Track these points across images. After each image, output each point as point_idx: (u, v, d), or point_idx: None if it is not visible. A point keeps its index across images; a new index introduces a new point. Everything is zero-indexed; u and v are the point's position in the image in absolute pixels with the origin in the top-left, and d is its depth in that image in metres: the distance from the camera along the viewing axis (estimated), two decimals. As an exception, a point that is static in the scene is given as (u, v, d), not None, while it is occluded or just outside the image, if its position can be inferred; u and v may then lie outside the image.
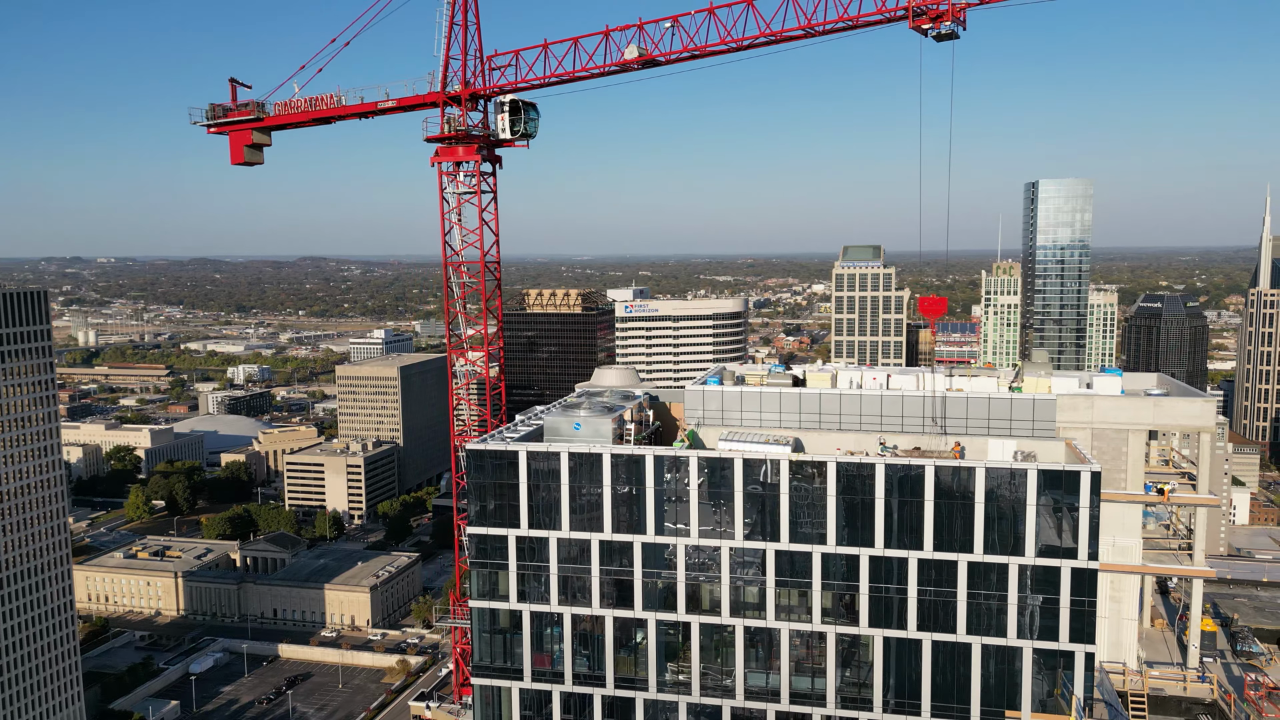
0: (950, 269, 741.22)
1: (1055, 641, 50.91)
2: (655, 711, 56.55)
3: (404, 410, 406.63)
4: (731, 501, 53.89)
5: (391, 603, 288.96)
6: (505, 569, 57.28)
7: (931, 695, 52.84)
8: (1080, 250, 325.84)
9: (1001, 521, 50.65)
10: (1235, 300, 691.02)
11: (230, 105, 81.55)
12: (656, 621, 55.91)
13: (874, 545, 52.45)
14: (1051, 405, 55.70)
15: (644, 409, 65.85)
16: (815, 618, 53.76)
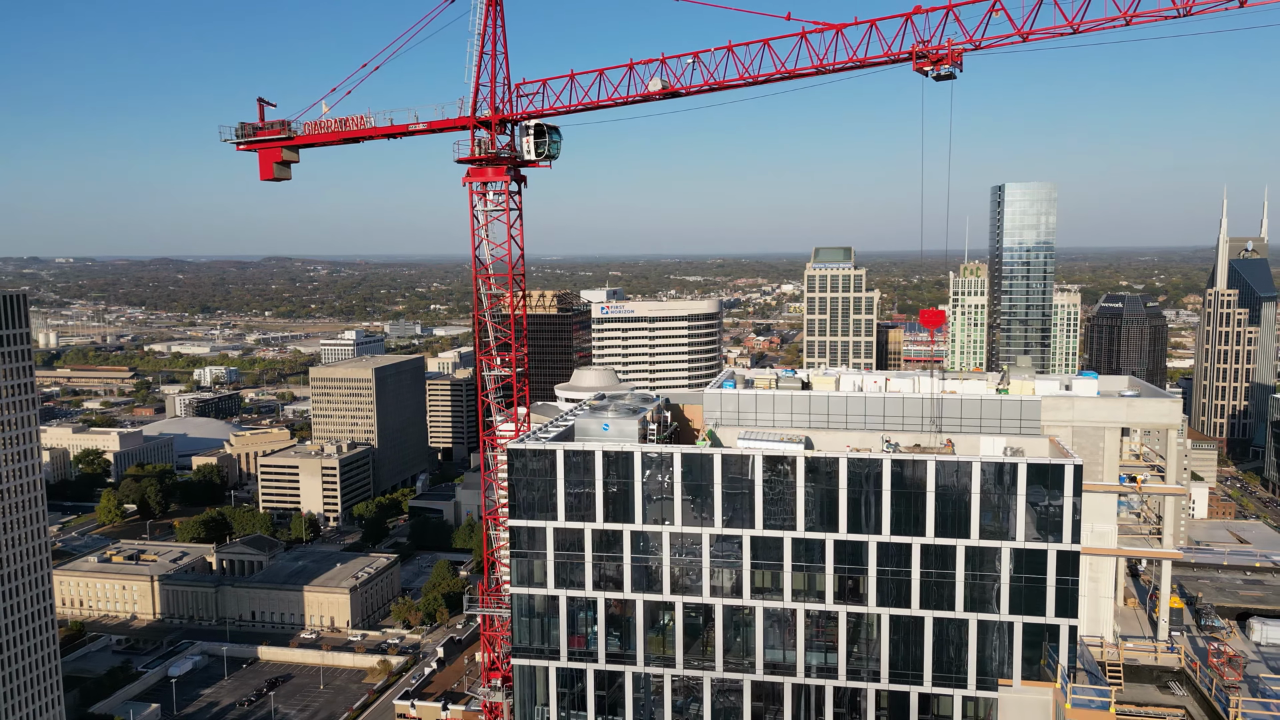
0: (916, 269, 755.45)
1: (1042, 616, 57.66)
2: (682, 686, 62.55)
3: (378, 412, 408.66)
4: (751, 494, 60.00)
5: (371, 604, 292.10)
6: (544, 557, 62.91)
7: (932, 667, 59.36)
8: (1045, 252, 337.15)
9: (994, 510, 57.27)
10: (1193, 300, 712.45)
11: (259, 124, 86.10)
12: (683, 604, 61.87)
13: (881, 532, 58.85)
14: (1037, 406, 62.50)
15: (662, 411, 71.65)
16: (828, 598, 60.04)
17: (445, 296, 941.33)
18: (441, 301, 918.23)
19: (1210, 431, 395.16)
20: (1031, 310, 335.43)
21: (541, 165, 75.37)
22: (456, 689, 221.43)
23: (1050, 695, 58.36)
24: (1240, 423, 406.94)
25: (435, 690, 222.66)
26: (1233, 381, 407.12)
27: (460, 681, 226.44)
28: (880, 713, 60.51)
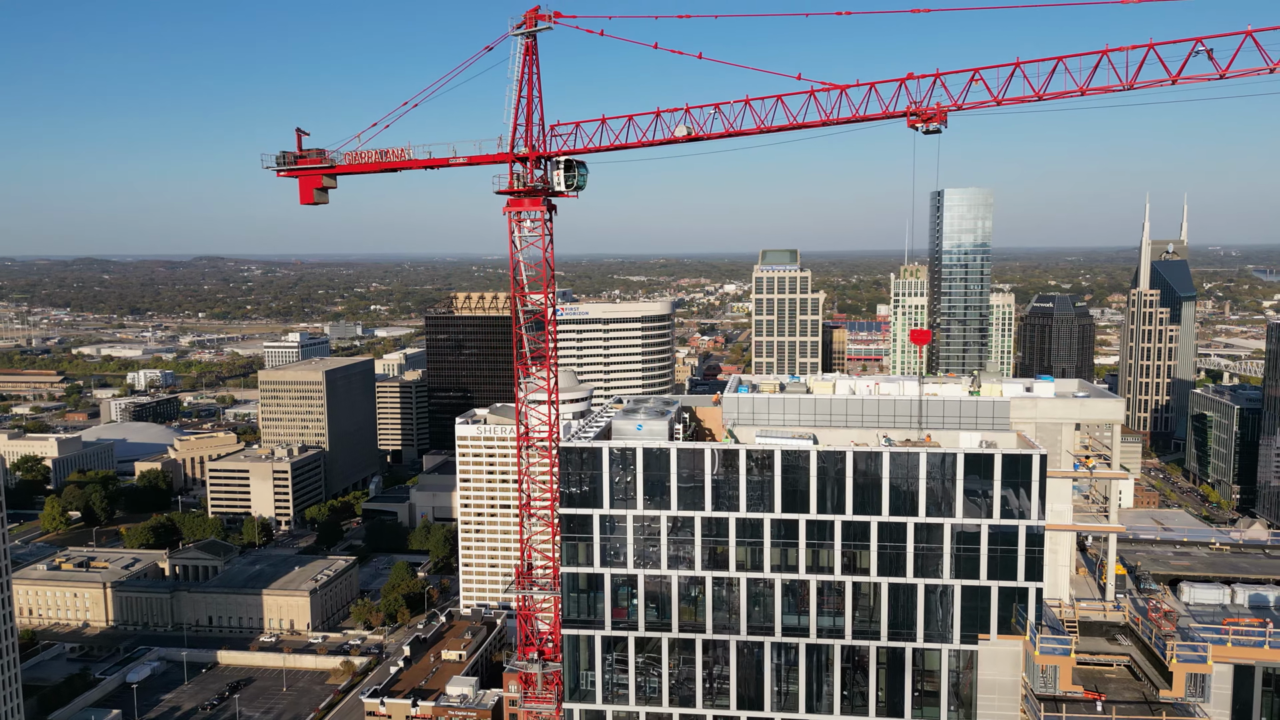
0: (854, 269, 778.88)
1: (1014, 581, 70.29)
2: (711, 648, 73.78)
3: (329, 415, 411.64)
4: (772, 483, 71.46)
5: (331, 606, 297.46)
6: (590, 540, 73.48)
7: (924, 626, 71.60)
8: (982, 255, 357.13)
9: (975, 492, 69.67)
10: (1117, 299, 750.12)
11: (297, 152, 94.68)
12: (712, 578, 73.08)
13: (881, 513, 70.84)
14: (1006, 405, 75.17)
15: (682, 413, 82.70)
16: (836, 570, 71.87)
17: (385, 297, 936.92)
18: (381, 302, 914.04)
19: (1134, 425, 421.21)
20: (970, 311, 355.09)
21: (569, 195, 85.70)
22: (425, 686, 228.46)
23: (1020, 646, 71.11)
24: (1163, 417, 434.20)
25: (403, 688, 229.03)
26: (1155, 378, 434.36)
27: (428, 679, 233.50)
28: (880, 667, 72.62)
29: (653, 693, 74.90)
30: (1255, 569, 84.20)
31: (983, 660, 71.22)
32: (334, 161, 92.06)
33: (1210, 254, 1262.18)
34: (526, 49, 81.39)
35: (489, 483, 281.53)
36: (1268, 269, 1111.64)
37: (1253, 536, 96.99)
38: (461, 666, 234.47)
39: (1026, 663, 70.15)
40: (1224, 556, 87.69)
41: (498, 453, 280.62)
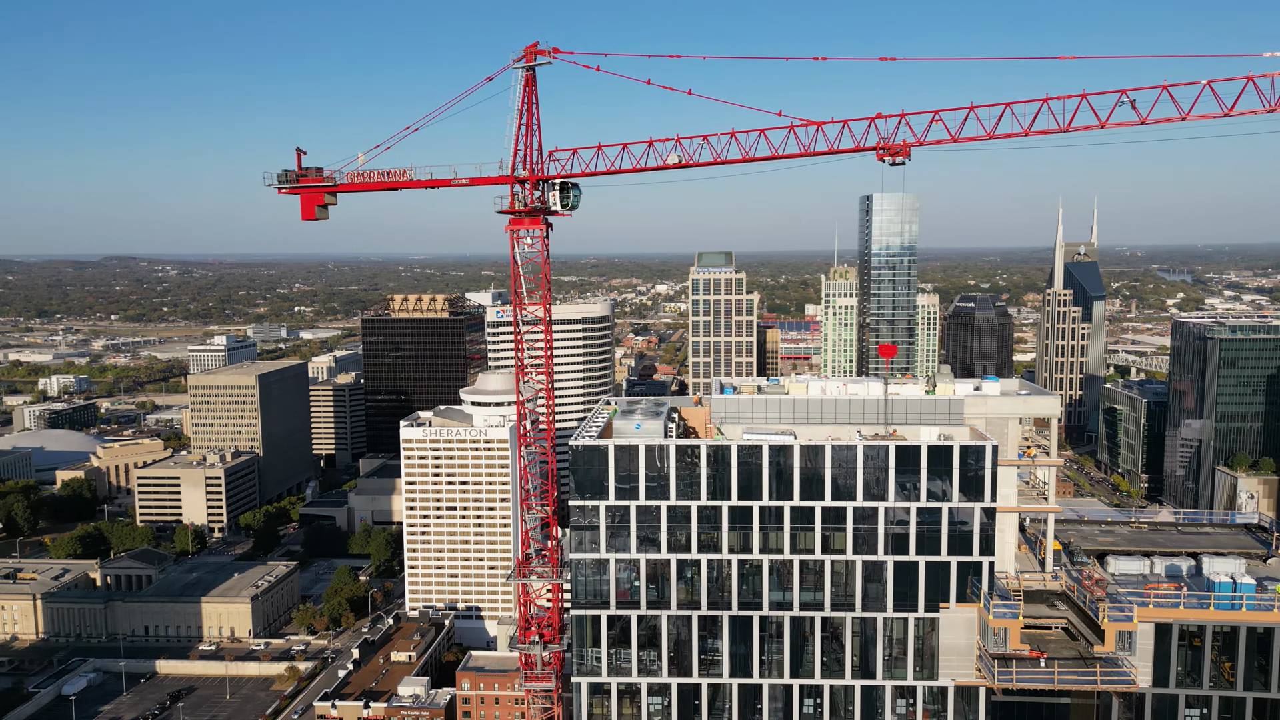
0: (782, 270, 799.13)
1: (970, 556, 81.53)
2: (706, 623, 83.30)
3: (263, 420, 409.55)
4: (760, 474, 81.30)
5: (272, 612, 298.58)
6: (598, 529, 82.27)
7: (893, 597, 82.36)
8: (909, 257, 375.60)
9: (937, 479, 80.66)
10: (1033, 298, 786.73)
11: (296, 170, 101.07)
12: (706, 560, 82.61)
13: (856, 499, 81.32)
14: (960, 403, 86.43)
15: (671, 413, 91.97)
16: (816, 550, 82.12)
17: (309, 298, 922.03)
18: (306, 303, 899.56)
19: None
20: (898, 311, 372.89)
21: (563, 214, 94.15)
22: (376, 687, 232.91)
23: (975, 613, 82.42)
24: (1076, 410, 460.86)
25: (354, 690, 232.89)
26: (1069, 373, 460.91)
27: (378, 680, 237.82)
28: (855, 635, 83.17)
29: (653, 665, 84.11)
30: (1169, 543, 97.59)
31: (943, 626, 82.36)
32: (336, 181, 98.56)
33: (1118, 254, 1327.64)
34: (527, 81, 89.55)
35: (435, 485, 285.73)
36: (1170, 269, 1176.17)
37: (1161, 520, 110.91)
38: (412, 667, 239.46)
39: (981, 627, 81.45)
40: (1143, 534, 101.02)
41: (443, 455, 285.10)
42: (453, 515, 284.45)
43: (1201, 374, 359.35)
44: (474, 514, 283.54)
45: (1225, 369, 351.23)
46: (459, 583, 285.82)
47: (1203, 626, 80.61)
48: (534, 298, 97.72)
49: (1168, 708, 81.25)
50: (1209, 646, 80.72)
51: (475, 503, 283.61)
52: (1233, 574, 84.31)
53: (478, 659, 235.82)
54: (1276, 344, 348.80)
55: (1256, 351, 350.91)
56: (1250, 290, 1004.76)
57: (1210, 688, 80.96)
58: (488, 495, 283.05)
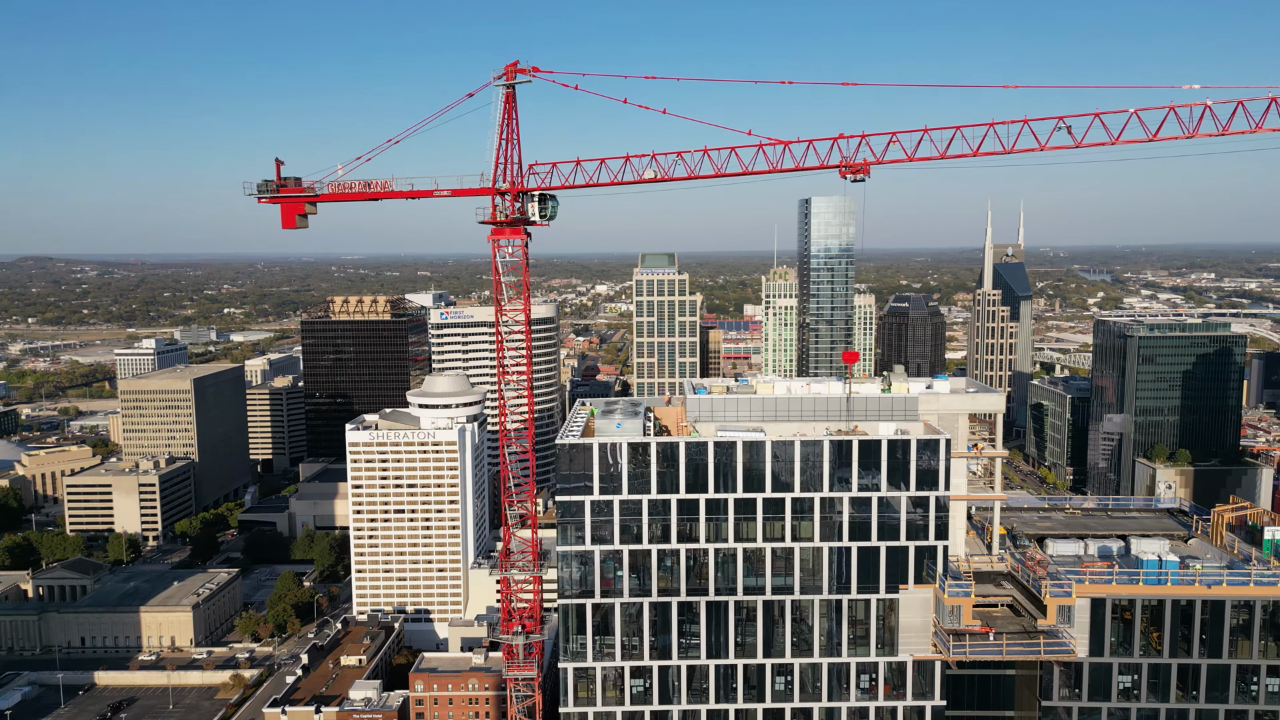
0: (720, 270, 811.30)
1: (926, 541, 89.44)
2: (684, 609, 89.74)
3: (198, 425, 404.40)
4: (734, 468, 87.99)
5: (214, 620, 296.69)
6: (583, 522, 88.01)
7: (857, 580, 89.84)
8: (847, 259, 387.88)
9: (896, 470, 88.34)
10: (962, 297, 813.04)
11: (275, 180, 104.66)
12: (685, 550, 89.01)
13: (822, 489, 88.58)
14: (915, 400, 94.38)
15: (647, 412, 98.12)
16: (787, 538, 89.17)
17: (238, 299, 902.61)
18: (235, 305, 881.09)
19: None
20: (836, 312, 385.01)
21: (541, 224, 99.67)
22: (326, 692, 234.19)
23: (931, 593, 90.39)
24: (1006, 406, 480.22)
25: (304, 695, 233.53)
26: (998, 370, 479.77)
27: (329, 685, 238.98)
28: (822, 616, 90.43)
29: (635, 650, 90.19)
30: (1100, 527, 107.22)
31: (903, 606, 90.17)
32: (317, 191, 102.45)
33: (1042, 255, 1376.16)
34: (507, 98, 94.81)
35: (382, 488, 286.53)
36: (1091, 269, 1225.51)
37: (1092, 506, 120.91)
38: (363, 671, 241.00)
39: (937, 605, 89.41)
40: (1077, 519, 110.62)
41: (390, 458, 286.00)
42: (400, 518, 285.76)
43: (1122, 370, 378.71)
44: (422, 517, 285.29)
45: (1144, 365, 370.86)
46: (408, 586, 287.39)
47: (1133, 601, 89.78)
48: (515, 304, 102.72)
49: (1103, 675, 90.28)
50: (1138, 619, 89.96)
51: (424, 505, 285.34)
52: (1158, 553, 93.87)
53: (430, 660, 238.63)
54: (1191, 341, 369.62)
55: (1173, 349, 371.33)
56: (1166, 289, 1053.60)
57: (1140, 656, 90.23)
58: (436, 498, 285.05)
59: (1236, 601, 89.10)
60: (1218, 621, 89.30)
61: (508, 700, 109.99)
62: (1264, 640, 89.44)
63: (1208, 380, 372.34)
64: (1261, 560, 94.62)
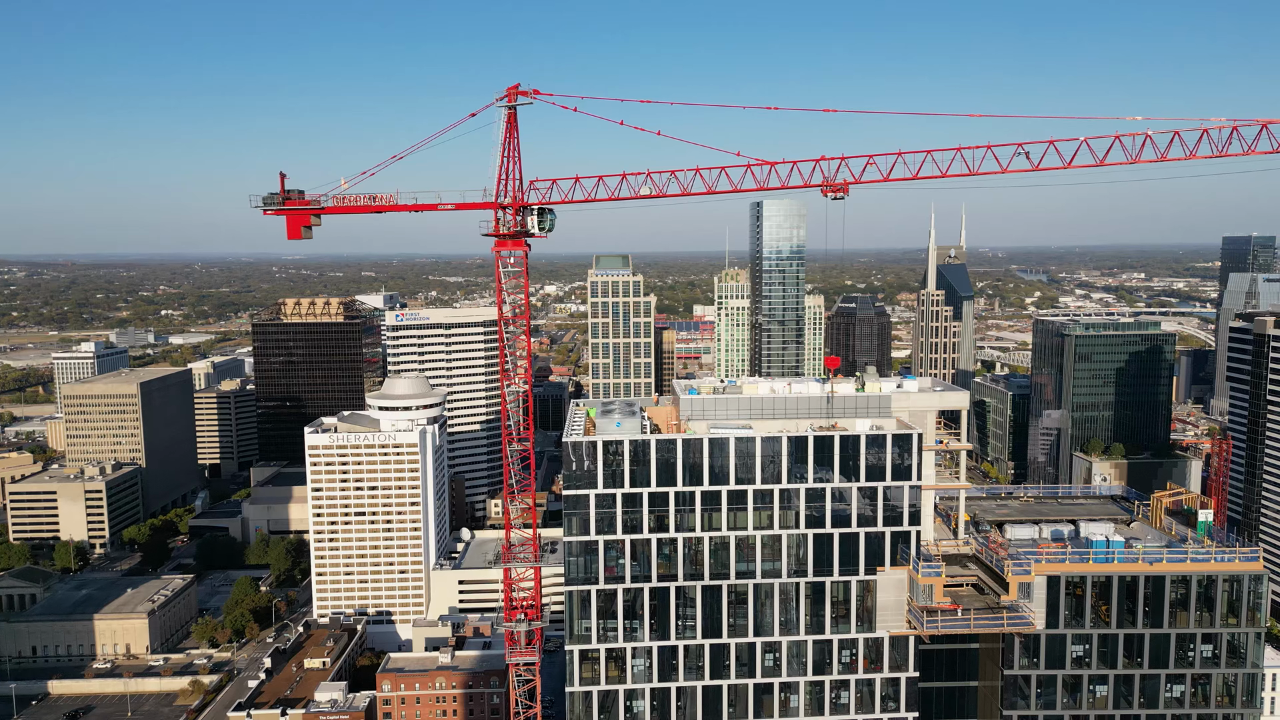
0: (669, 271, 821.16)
1: (901, 526, 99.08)
2: (681, 593, 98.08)
3: (145, 430, 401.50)
4: (727, 461, 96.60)
5: (170, 627, 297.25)
6: (588, 514, 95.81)
7: (839, 563, 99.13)
8: (797, 261, 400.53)
9: (873, 461, 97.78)
10: (905, 297, 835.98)
11: (279, 192, 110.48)
12: (682, 538, 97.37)
13: (807, 480, 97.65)
14: (889, 398, 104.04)
15: (640, 411, 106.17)
16: (775, 526, 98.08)
17: (176, 301, 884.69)
18: (173, 306, 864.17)
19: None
20: (788, 313, 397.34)
21: (539, 236, 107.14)
22: (291, 695, 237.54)
23: (906, 574, 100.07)
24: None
25: (269, 699, 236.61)
26: (942, 369, 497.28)
27: (293, 688, 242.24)
28: (807, 598, 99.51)
29: (636, 632, 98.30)
30: (1052, 513, 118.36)
31: (880, 586, 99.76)
32: (321, 204, 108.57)
33: (982, 255, 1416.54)
34: (509, 118, 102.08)
35: (343, 491, 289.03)
36: (1029, 269, 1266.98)
37: (1044, 494, 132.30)
38: (327, 673, 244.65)
39: (911, 585, 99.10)
40: (1031, 506, 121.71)
41: (351, 461, 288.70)
42: (361, 521, 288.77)
43: (1059, 368, 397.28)
44: (384, 519, 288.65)
45: (1080, 363, 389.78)
46: (369, 588, 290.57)
47: (1084, 578, 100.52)
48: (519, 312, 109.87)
49: (1058, 645, 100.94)
50: (1089, 594, 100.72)
51: (385, 507, 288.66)
52: (1106, 535, 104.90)
53: (397, 660, 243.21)
54: (1124, 340, 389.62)
55: (1107, 346, 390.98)
56: (1099, 289, 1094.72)
57: (1091, 627, 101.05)
58: (398, 500, 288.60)
59: (1175, 577, 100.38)
60: (1158, 595, 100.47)
61: (509, 685, 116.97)
62: (1199, 611, 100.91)
63: (1140, 377, 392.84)
64: (1196, 540, 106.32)
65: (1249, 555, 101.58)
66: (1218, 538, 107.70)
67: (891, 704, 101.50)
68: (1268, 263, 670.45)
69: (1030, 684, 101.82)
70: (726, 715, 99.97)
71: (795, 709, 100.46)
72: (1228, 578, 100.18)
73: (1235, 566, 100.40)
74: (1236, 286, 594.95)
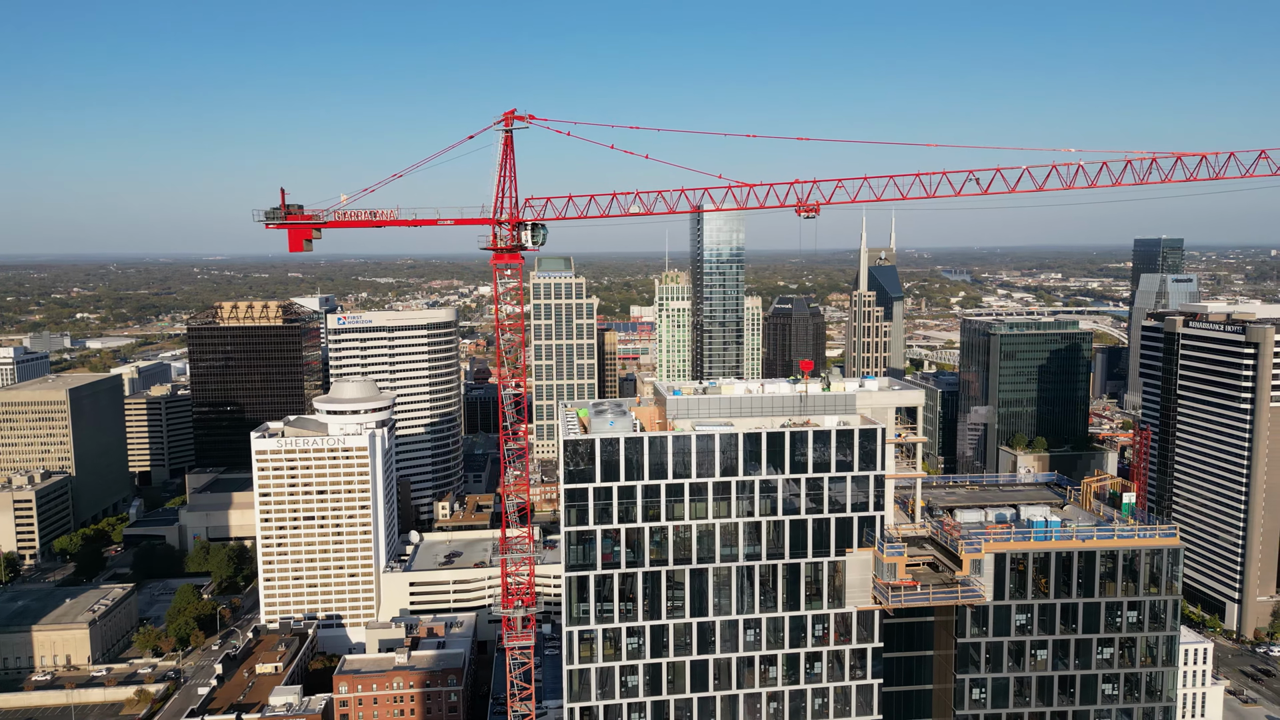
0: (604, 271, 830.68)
1: (868, 511, 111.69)
2: (671, 576, 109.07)
3: (75, 437, 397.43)
4: (713, 455, 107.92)
5: (111, 637, 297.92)
6: (587, 506, 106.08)
7: (812, 545, 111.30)
8: (737, 264, 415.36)
9: (843, 454, 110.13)
10: (836, 298, 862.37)
11: (281, 207, 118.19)
12: (673, 527, 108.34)
13: (784, 470, 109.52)
14: (854, 397, 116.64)
15: (629, 411, 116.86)
16: (756, 513, 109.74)
17: (93, 303, 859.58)
18: (88, 309, 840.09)
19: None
20: (728, 314, 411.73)
21: (532, 249, 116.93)
22: (244, 700, 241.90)
23: (871, 554, 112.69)
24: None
25: (221, 705, 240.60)
26: (874, 368, 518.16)
27: (245, 693, 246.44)
28: (784, 578, 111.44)
29: (630, 613, 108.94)
30: (995, 498, 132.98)
31: (849, 566, 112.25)
32: (322, 219, 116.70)
33: (908, 256, 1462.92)
34: (506, 141, 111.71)
35: (291, 496, 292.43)
36: (953, 269, 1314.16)
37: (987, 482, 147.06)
38: (280, 677, 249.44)
39: (876, 564, 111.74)
40: (976, 493, 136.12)
41: (299, 465, 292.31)
42: (310, 525, 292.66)
43: (986, 366, 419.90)
44: (333, 523, 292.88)
45: (1005, 361, 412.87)
46: (318, 592, 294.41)
47: (1026, 554, 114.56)
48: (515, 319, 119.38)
49: (1004, 615, 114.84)
50: (1030, 568, 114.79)
51: (334, 511, 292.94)
52: (1044, 517, 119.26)
53: (353, 662, 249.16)
54: (1046, 338, 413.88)
55: (1030, 345, 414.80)
56: (1019, 289, 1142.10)
57: (1032, 598, 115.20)
58: (347, 504, 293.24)
59: (1104, 552, 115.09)
60: (1090, 569, 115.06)
61: (505, 668, 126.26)
62: (1125, 582, 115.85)
63: (1060, 374, 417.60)
64: (1121, 520, 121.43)
65: (1167, 532, 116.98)
66: (1140, 518, 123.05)
67: (859, 672, 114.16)
68: (1176, 264, 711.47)
69: (980, 651, 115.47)
70: (713, 686, 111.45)
71: (774, 679, 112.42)
72: (1149, 552, 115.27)
73: (1156, 542, 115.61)
74: (1147, 287, 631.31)
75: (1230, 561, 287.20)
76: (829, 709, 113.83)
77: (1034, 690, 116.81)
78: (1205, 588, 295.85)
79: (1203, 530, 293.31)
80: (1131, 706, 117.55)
